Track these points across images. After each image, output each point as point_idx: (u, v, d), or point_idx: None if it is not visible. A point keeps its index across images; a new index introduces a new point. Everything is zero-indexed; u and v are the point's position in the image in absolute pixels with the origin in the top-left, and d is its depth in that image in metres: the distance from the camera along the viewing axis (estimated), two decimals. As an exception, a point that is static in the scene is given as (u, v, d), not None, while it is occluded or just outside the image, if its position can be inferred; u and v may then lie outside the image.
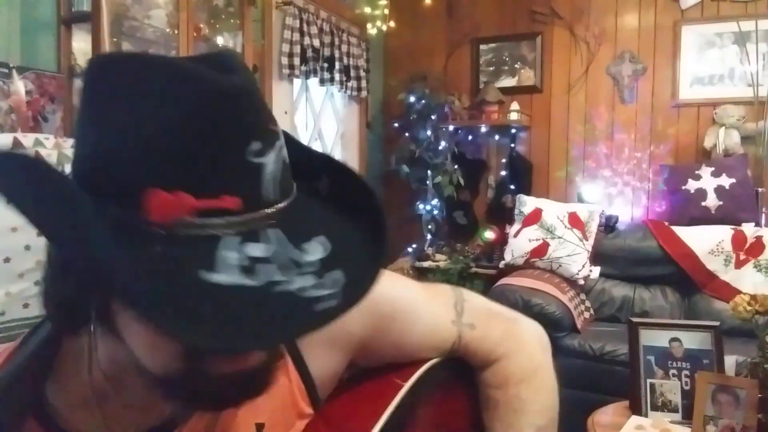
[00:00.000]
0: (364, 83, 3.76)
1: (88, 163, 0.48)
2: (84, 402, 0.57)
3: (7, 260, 0.84)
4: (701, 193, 3.10)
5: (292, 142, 0.55)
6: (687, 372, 1.73)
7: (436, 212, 3.85)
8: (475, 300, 0.78)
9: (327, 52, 3.38)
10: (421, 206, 3.87)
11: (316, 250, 0.49)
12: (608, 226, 3.34)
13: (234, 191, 0.46)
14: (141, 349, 0.50)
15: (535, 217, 3.17)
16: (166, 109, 0.45)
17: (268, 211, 0.48)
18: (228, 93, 0.46)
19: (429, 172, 3.75)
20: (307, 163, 0.56)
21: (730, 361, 1.76)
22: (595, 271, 3.07)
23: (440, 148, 3.72)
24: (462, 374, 0.77)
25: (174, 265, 0.44)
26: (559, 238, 3.06)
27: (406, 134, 3.84)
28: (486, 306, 0.79)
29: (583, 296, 3.02)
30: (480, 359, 0.76)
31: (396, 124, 3.96)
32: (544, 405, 0.76)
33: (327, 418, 0.66)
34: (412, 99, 3.76)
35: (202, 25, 2.52)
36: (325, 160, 0.60)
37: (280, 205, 0.49)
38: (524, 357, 0.77)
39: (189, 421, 0.59)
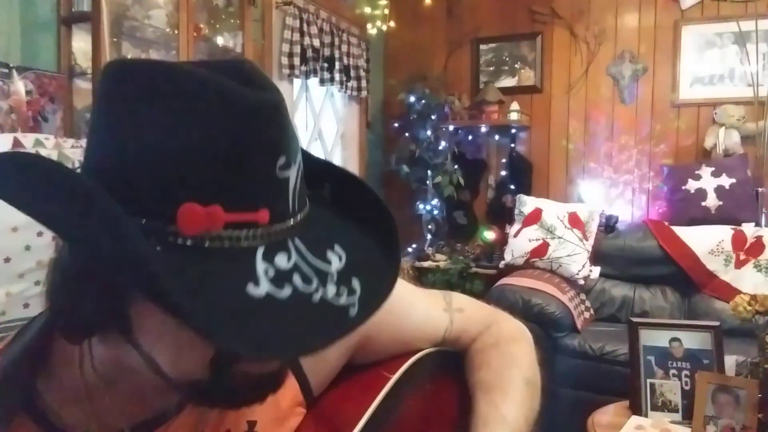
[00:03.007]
0: (364, 83, 3.76)
1: (106, 171, 0.46)
2: (75, 396, 0.56)
3: (7, 260, 0.84)
4: (701, 193, 3.10)
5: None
6: (687, 372, 1.74)
7: (436, 212, 3.85)
8: (460, 295, 0.84)
9: (327, 52, 3.38)
10: (421, 206, 3.86)
11: (334, 259, 0.50)
12: (608, 226, 3.34)
13: (265, 204, 0.46)
14: (164, 357, 0.49)
15: (535, 217, 3.17)
16: (197, 124, 0.45)
17: (292, 222, 0.49)
18: (259, 110, 0.46)
19: (429, 172, 3.75)
20: (309, 169, 0.55)
21: (730, 361, 1.76)
22: (595, 271, 3.07)
23: (440, 148, 3.72)
24: (450, 365, 0.79)
25: (221, 277, 0.45)
26: (559, 238, 3.06)
27: (406, 134, 3.84)
28: (471, 298, 0.84)
29: (583, 296, 3.02)
30: (470, 336, 0.79)
31: (396, 124, 3.96)
32: (533, 362, 0.79)
33: (317, 414, 0.67)
34: (412, 99, 3.76)
35: (202, 25, 2.52)
36: (327, 165, 0.60)
37: (300, 216, 0.50)
38: (512, 323, 0.82)
39: (179, 416, 0.59)
